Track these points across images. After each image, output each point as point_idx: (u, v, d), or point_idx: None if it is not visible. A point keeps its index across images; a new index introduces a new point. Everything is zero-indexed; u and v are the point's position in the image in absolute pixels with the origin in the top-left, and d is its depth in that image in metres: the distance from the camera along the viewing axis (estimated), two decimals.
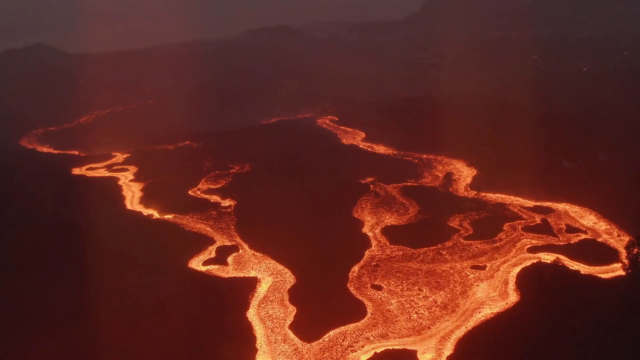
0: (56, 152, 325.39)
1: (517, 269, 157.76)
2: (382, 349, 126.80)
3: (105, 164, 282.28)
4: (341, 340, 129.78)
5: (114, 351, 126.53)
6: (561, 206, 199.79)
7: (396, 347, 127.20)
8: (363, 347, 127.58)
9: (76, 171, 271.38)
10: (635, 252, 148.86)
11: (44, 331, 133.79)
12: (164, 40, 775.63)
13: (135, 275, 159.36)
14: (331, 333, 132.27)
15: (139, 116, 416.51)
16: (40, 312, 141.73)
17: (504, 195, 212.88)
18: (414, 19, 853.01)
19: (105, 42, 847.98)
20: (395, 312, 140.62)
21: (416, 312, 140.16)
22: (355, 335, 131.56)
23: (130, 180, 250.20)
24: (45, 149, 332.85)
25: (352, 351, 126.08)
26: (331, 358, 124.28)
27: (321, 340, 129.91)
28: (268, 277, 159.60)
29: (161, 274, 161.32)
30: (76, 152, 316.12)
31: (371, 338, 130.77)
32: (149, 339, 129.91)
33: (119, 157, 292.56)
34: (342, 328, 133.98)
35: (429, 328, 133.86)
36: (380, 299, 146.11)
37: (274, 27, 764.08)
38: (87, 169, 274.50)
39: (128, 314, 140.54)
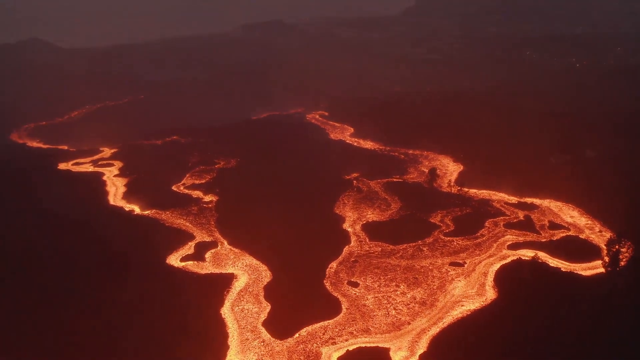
0: (45, 146, 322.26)
1: (497, 266, 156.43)
2: (355, 346, 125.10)
3: (91, 158, 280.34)
4: (313, 338, 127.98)
5: (86, 345, 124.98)
6: (545, 202, 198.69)
7: (369, 345, 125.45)
8: (335, 344, 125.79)
9: (62, 166, 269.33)
10: (615, 249, 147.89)
11: (18, 325, 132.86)
12: (157, 35, 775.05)
13: (112, 272, 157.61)
14: (303, 330, 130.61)
15: (130, 111, 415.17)
16: (16, 306, 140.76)
17: (488, 191, 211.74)
18: (409, 14, 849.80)
19: (99, 37, 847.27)
20: (371, 308, 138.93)
21: (394, 308, 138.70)
22: (328, 332, 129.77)
23: (115, 176, 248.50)
24: (35, 144, 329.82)
25: (323, 348, 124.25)
26: (302, 355, 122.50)
27: (293, 338, 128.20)
28: (244, 274, 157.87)
29: (138, 270, 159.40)
30: (65, 147, 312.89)
31: (345, 334, 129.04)
32: (122, 335, 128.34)
33: (107, 152, 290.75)
34: (315, 325, 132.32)
35: (403, 325, 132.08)
36: (356, 295, 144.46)
37: (268, 22, 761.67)
38: (73, 164, 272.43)
39: (102, 309, 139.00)
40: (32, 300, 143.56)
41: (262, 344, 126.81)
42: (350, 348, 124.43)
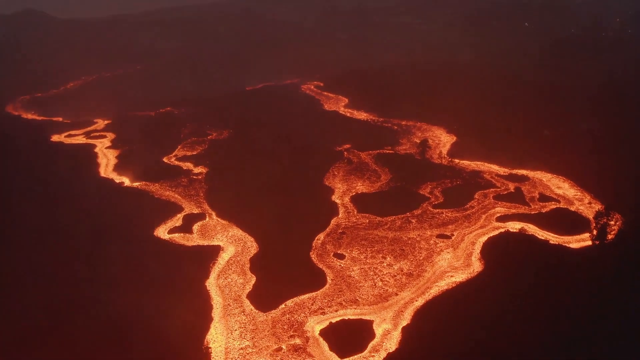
0: (40, 118, 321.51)
1: (484, 238, 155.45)
2: (338, 318, 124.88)
3: (84, 130, 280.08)
4: (296, 310, 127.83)
5: (69, 317, 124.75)
6: (536, 174, 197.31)
7: (352, 317, 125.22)
8: (317, 316, 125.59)
9: (55, 138, 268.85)
10: (603, 221, 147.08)
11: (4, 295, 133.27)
12: (154, 5, 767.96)
13: (99, 244, 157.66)
14: (287, 303, 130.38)
15: (125, 82, 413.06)
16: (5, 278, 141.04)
17: (480, 163, 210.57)
18: None
19: (95, 7, 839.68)
20: (356, 280, 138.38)
21: (381, 280, 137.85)
22: (311, 305, 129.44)
23: (107, 148, 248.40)
24: (30, 116, 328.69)
25: (306, 321, 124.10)
26: (285, 328, 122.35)
27: (277, 310, 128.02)
28: (231, 246, 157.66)
29: (125, 242, 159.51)
30: (60, 119, 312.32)
31: (327, 307, 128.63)
32: (105, 307, 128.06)
33: (100, 123, 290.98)
34: (299, 298, 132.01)
35: (390, 297, 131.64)
36: (342, 267, 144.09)
37: None
38: (66, 136, 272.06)
39: (88, 281, 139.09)
40: (18, 271, 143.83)
41: (245, 315, 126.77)
42: (334, 320, 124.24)
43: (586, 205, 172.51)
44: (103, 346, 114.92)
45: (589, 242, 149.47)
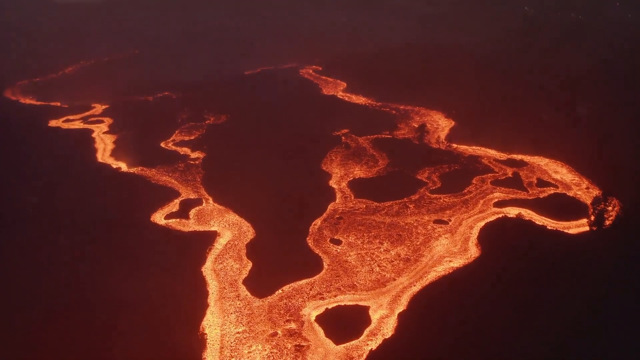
0: (38, 103, 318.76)
1: (481, 224, 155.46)
2: (334, 304, 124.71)
3: (82, 115, 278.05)
4: (293, 296, 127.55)
5: (63, 303, 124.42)
6: (534, 159, 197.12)
7: (348, 303, 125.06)
8: (313, 301, 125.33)
9: (53, 123, 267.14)
10: (600, 207, 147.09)
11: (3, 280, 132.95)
12: None
13: (95, 230, 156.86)
14: (284, 288, 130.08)
15: (124, 66, 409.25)
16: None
17: (478, 148, 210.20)
18: None
19: None
20: (353, 265, 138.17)
21: (378, 265, 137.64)
22: (308, 290, 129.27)
23: (104, 133, 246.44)
24: (27, 100, 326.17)
25: (303, 307, 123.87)
26: (282, 313, 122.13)
27: (273, 295, 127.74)
28: (228, 231, 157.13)
29: (121, 228, 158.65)
30: (58, 104, 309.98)
31: (324, 292, 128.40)
32: (101, 293, 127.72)
33: (98, 108, 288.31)
34: (296, 283, 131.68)
35: (388, 282, 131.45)
36: (338, 252, 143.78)
37: None
38: (63, 121, 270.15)
39: (84, 267, 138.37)
40: (15, 256, 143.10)
41: (241, 300, 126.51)
42: (330, 306, 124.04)
43: (584, 191, 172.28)
44: (98, 331, 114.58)
45: (587, 228, 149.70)
